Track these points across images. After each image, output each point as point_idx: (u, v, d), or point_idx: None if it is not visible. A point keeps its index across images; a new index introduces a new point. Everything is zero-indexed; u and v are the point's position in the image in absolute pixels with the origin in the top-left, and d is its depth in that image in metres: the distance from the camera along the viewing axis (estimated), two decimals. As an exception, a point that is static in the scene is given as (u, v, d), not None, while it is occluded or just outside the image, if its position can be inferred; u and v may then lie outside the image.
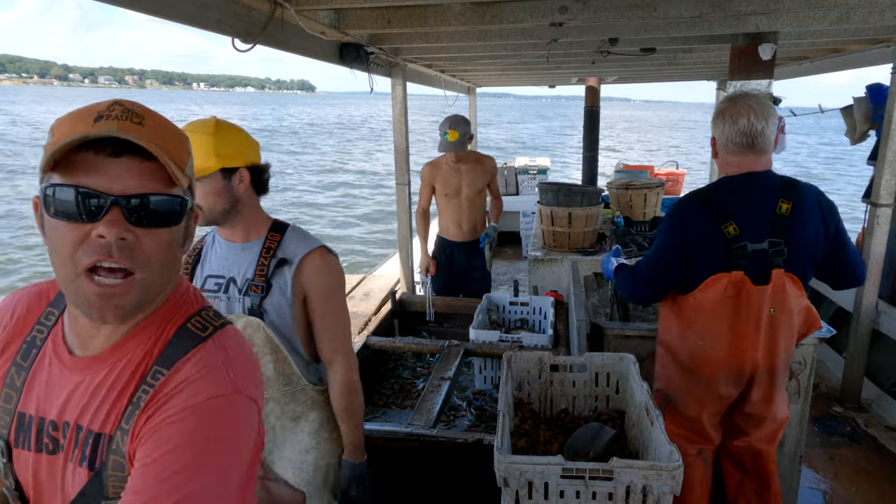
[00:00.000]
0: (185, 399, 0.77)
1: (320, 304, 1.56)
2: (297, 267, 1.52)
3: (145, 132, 0.76)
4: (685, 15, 2.66)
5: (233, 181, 1.49)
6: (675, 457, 1.34)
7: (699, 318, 1.85)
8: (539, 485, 1.37)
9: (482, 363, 2.94)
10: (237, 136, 1.51)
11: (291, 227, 1.62)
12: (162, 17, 1.90)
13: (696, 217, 1.82)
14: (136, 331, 0.83)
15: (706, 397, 1.90)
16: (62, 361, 0.85)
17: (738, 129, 1.78)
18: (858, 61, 4.45)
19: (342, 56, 3.34)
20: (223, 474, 0.76)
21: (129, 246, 0.76)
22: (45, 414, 0.84)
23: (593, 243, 4.17)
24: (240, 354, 0.85)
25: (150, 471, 0.73)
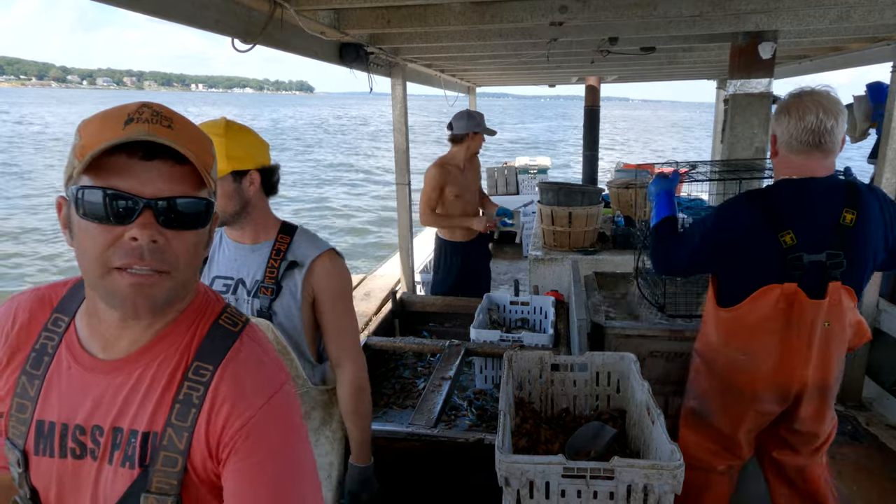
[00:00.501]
0: (255, 396, 0.82)
1: (330, 306, 1.56)
2: (308, 269, 1.53)
3: (176, 136, 0.77)
4: (685, 14, 2.66)
5: (243, 183, 1.49)
6: (677, 456, 1.34)
7: (742, 332, 1.74)
8: (540, 484, 1.37)
9: (483, 363, 2.93)
10: (248, 137, 1.51)
11: (300, 229, 1.62)
12: (160, 17, 1.90)
13: (750, 223, 1.68)
14: (165, 332, 0.85)
15: (745, 414, 1.80)
16: (83, 366, 0.84)
17: (804, 125, 1.62)
18: (858, 60, 4.45)
19: (342, 56, 3.34)
20: (312, 458, 0.87)
21: (160, 248, 0.77)
22: (69, 419, 0.84)
23: (593, 242, 4.17)
24: (270, 345, 0.91)
25: (255, 478, 0.80)
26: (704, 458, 1.90)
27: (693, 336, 2.22)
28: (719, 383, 1.84)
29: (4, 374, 0.88)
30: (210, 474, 0.83)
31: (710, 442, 1.88)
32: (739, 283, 1.73)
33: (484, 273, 4.03)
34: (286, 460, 0.82)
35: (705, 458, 1.90)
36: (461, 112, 3.68)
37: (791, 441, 1.86)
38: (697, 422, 1.91)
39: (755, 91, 3.05)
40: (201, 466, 0.82)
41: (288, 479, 0.81)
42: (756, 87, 3.05)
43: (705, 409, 1.89)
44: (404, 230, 4.60)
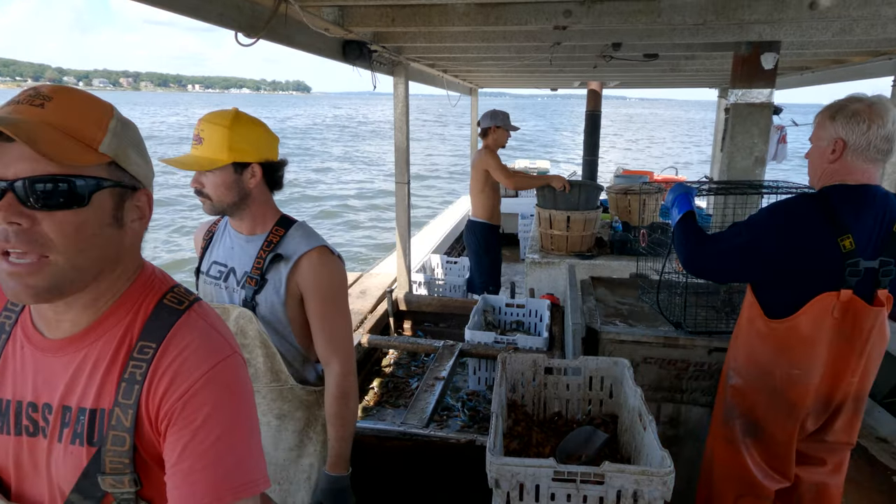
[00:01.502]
0: (193, 368, 0.82)
1: (316, 304, 1.53)
2: (294, 265, 1.51)
3: (42, 113, 0.76)
4: (689, 22, 2.66)
5: (244, 175, 1.48)
6: (667, 462, 1.34)
7: (798, 344, 1.66)
8: (530, 487, 1.37)
9: (477, 364, 2.94)
10: (254, 130, 1.49)
11: (298, 224, 1.59)
12: (164, 8, 1.89)
13: (810, 225, 1.61)
14: (108, 311, 0.85)
15: (796, 428, 1.74)
16: (34, 344, 0.86)
17: (884, 133, 1.57)
18: (860, 73, 4.47)
19: (345, 53, 3.34)
20: (256, 428, 0.86)
21: (26, 231, 0.74)
22: (23, 397, 0.86)
23: (591, 247, 4.17)
24: (219, 320, 0.91)
25: (196, 442, 0.79)
26: (756, 482, 1.81)
27: (688, 344, 2.23)
28: (772, 400, 1.75)
29: None
30: (157, 449, 0.83)
31: (763, 463, 1.80)
32: (791, 292, 1.66)
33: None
34: (225, 427, 0.81)
35: (757, 482, 1.81)
36: (487, 111, 4.43)
37: (820, 453, 1.80)
38: (747, 443, 1.82)
39: (756, 101, 3.06)
40: (148, 442, 0.83)
41: (227, 445, 0.80)
42: (757, 98, 3.06)
43: (753, 429, 1.80)
44: (402, 229, 4.60)
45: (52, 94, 0.78)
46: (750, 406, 1.81)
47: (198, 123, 1.47)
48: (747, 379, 1.82)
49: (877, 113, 1.58)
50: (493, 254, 4.58)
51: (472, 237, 4.59)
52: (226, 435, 0.81)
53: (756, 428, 1.80)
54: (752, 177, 3.07)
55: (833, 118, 1.64)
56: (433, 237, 7.03)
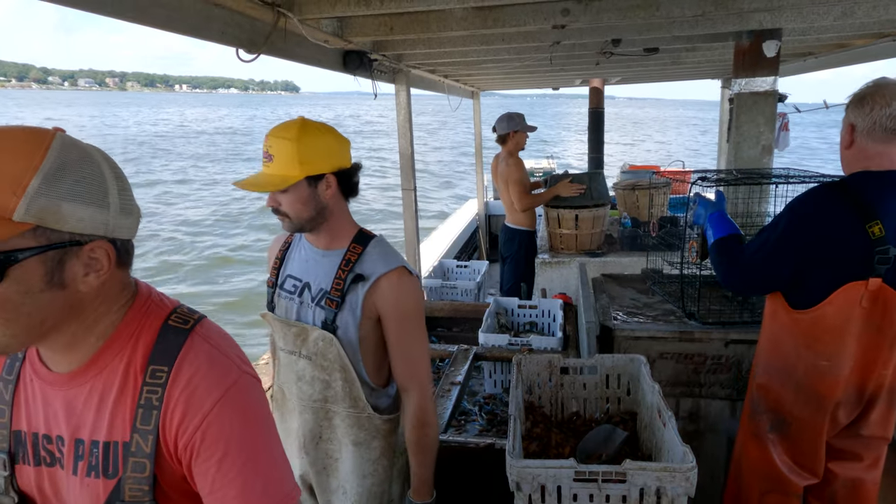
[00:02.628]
0: (205, 398, 0.81)
1: (395, 326, 1.47)
2: (373, 285, 1.45)
3: None
4: (688, 14, 2.65)
5: (319, 188, 1.43)
6: (689, 458, 1.33)
7: (825, 335, 1.62)
8: (552, 489, 1.36)
9: (492, 367, 2.93)
10: (323, 139, 1.43)
11: (376, 240, 1.53)
12: (168, 30, 1.91)
13: (837, 212, 1.57)
14: (105, 345, 0.84)
15: (825, 422, 1.70)
16: (41, 377, 0.86)
17: (890, 111, 1.55)
18: (864, 56, 4.43)
19: (346, 64, 3.36)
20: (277, 443, 0.87)
21: None
22: (37, 429, 0.86)
23: (600, 245, 4.16)
24: (224, 339, 0.89)
25: (224, 471, 0.80)
26: (783, 478, 1.78)
27: (704, 338, 2.21)
28: (798, 393, 1.71)
29: None
30: (177, 477, 0.83)
31: (789, 459, 1.76)
32: (817, 282, 1.62)
33: None
34: (248, 451, 0.81)
35: (784, 477, 1.78)
36: (502, 115, 4.38)
37: (855, 448, 1.76)
38: (772, 439, 1.79)
39: (760, 89, 3.04)
40: (167, 469, 0.83)
41: (252, 470, 0.81)
42: (761, 86, 3.04)
43: (780, 424, 1.77)
44: (411, 235, 4.61)
45: None
46: (776, 400, 1.77)
47: (266, 139, 1.42)
48: (772, 373, 1.78)
49: (881, 93, 1.57)
50: (530, 259, 4.56)
51: (512, 244, 4.57)
52: (251, 459, 0.81)
53: (783, 423, 1.76)
54: (759, 166, 3.05)
55: (848, 105, 1.64)
56: (442, 242, 7.03)
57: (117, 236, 0.80)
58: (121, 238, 0.81)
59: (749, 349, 2.19)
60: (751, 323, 2.22)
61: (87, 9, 1.58)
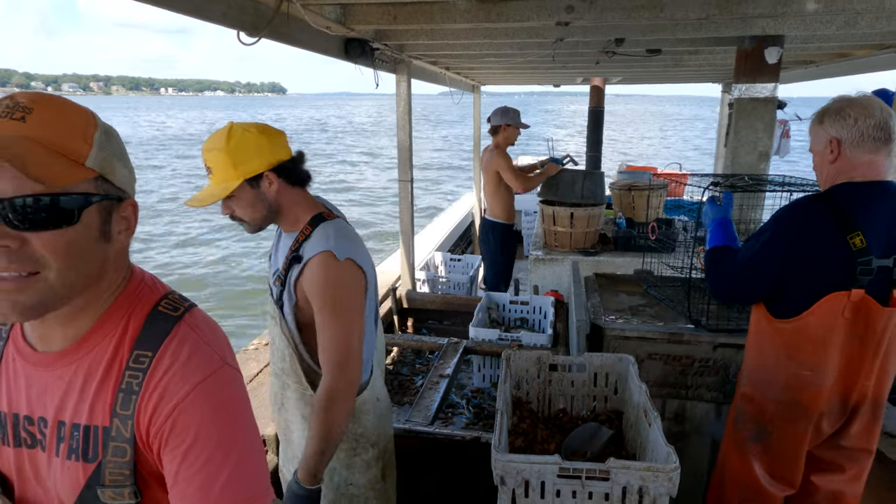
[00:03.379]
0: (180, 386, 0.79)
1: (316, 309, 1.48)
2: (303, 267, 1.48)
3: (25, 128, 0.72)
4: (692, 17, 2.65)
5: (262, 187, 1.45)
6: (673, 458, 1.34)
7: (807, 345, 1.63)
8: (536, 484, 1.37)
9: (481, 361, 2.94)
10: (253, 140, 1.43)
11: (327, 223, 1.52)
12: (167, 9, 1.90)
13: (818, 224, 1.59)
14: (97, 324, 0.83)
15: (806, 433, 1.70)
16: (25, 358, 0.85)
17: (875, 122, 1.56)
18: (865, 66, 4.44)
19: (347, 52, 3.34)
20: (250, 436, 0.83)
21: (15, 252, 0.71)
22: (18, 410, 0.85)
23: (594, 244, 4.17)
24: (212, 330, 0.87)
25: (186, 465, 0.78)
26: (762, 489, 1.79)
27: (692, 340, 2.23)
28: (779, 404, 1.72)
29: None
30: (152, 464, 0.82)
31: (767, 470, 1.77)
32: (799, 292, 1.63)
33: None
34: (214, 446, 0.78)
35: (762, 489, 1.79)
36: (498, 108, 4.44)
37: (838, 460, 1.76)
38: (753, 449, 1.80)
39: (760, 95, 3.05)
40: (142, 455, 0.82)
41: (217, 465, 0.78)
42: (761, 92, 3.05)
43: (761, 435, 1.77)
44: (406, 227, 4.60)
45: (33, 105, 0.74)
46: (758, 410, 1.78)
47: (202, 154, 1.45)
48: (755, 382, 1.79)
49: (860, 105, 1.59)
50: (508, 254, 4.63)
51: (490, 237, 4.62)
52: (216, 455, 0.78)
53: (763, 433, 1.77)
54: (756, 171, 3.06)
55: (821, 122, 1.66)
56: (437, 235, 7.03)
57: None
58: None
59: (737, 353, 2.20)
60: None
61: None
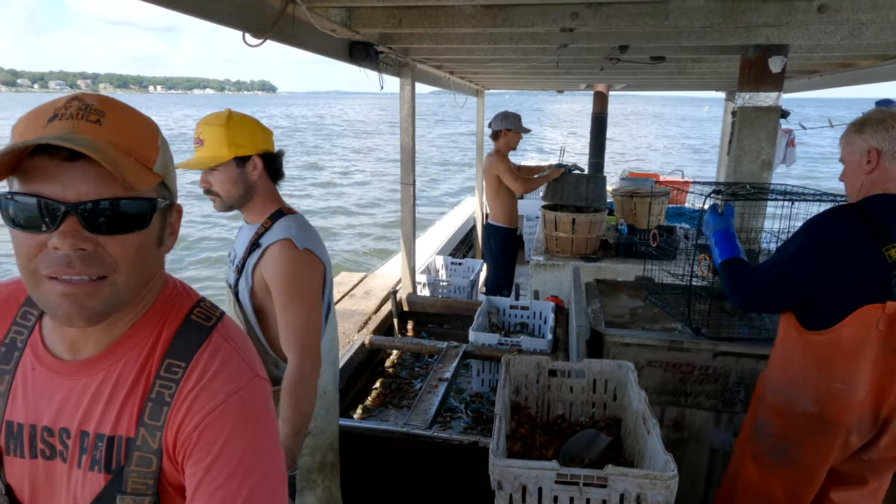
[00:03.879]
0: (210, 398, 0.78)
1: (275, 294, 1.57)
2: (261, 254, 1.58)
3: (103, 131, 0.72)
4: (696, 25, 2.65)
5: (247, 168, 1.58)
6: (671, 466, 1.34)
7: (840, 357, 1.61)
8: (533, 489, 1.37)
9: (480, 366, 2.93)
10: (249, 125, 1.58)
11: (289, 216, 1.65)
12: (172, 9, 1.90)
13: (854, 235, 1.57)
14: (130, 332, 0.82)
15: (833, 448, 1.67)
16: (47, 367, 0.82)
17: None
18: (869, 77, 4.44)
19: (352, 55, 3.35)
20: (274, 456, 0.81)
21: (91, 255, 0.71)
22: (37, 420, 0.82)
23: (596, 250, 4.17)
24: (242, 339, 0.87)
25: (208, 481, 0.76)
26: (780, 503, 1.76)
27: (692, 348, 2.22)
28: (807, 417, 1.69)
29: None
30: (177, 475, 0.81)
31: (785, 486, 1.74)
32: (832, 303, 1.61)
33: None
34: (236, 462, 0.76)
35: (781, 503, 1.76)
36: (498, 113, 4.46)
37: (862, 472, 1.74)
38: (772, 462, 1.77)
39: (764, 104, 3.05)
40: (167, 467, 0.80)
41: (239, 482, 0.76)
42: (765, 101, 3.05)
43: (781, 451, 1.74)
44: (407, 230, 4.60)
45: (104, 108, 0.74)
46: (782, 425, 1.75)
47: (197, 127, 1.57)
48: (781, 395, 1.76)
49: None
50: (509, 258, 4.64)
51: (491, 241, 4.63)
52: (239, 468, 0.77)
53: (785, 450, 1.74)
54: (759, 180, 3.06)
55: (860, 131, 1.64)
56: (438, 239, 7.03)
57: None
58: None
59: (737, 362, 2.20)
60: (752, 339, 2.23)
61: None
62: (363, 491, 2.19)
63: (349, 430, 2.15)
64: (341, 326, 3.98)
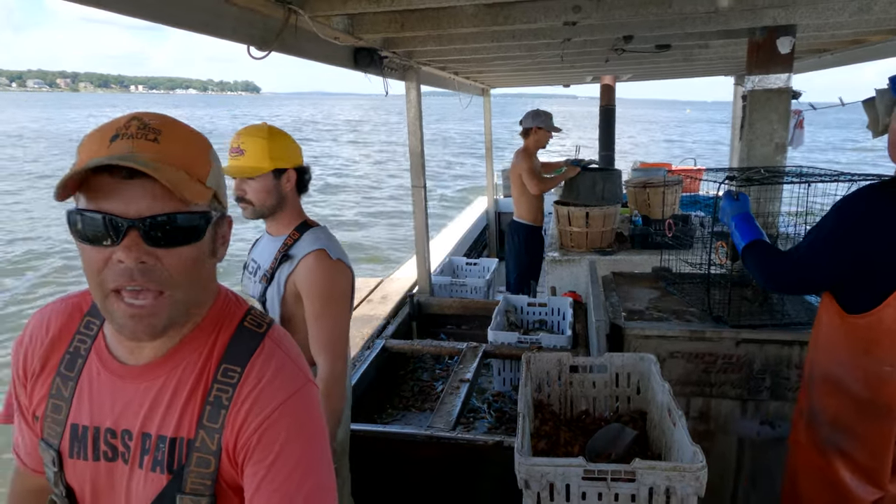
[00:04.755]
0: (269, 401, 0.82)
1: (308, 303, 1.64)
2: (296, 265, 1.64)
3: (161, 149, 0.76)
4: (700, 10, 2.63)
5: (281, 181, 1.67)
6: (699, 457, 1.32)
7: (885, 340, 1.55)
8: (560, 487, 1.36)
9: (501, 365, 2.93)
10: (287, 140, 1.70)
11: (316, 227, 1.73)
12: (177, 27, 1.92)
13: (886, 213, 1.52)
14: (187, 338, 0.86)
15: (891, 431, 1.59)
16: (111, 371, 0.86)
17: None
18: (880, 52, 4.36)
19: (356, 61, 3.36)
20: (327, 454, 0.86)
21: (151, 268, 0.76)
22: (100, 423, 0.86)
23: (611, 243, 4.14)
24: (292, 345, 0.91)
25: (269, 479, 0.80)
26: (849, 491, 1.68)
27: (714, 337, 2.20)
28: (860, 403, 1.63)
29: (39, 379, 0.90)
30: (235, 476, 0.84)
31: (853, 472, 1.66)
32: (872, 285, 1.55)
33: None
34: (296, 461, 0.81)
35: (850, 492, 1.67)
36: (529, 111, 4.52)
37: None
38: (834, 450, 1.70)
39: (774, 87, 3.00)
40: (226, 468, 0.83)
41: (298, 480, 0.81)
42: (775, 83, 3.00)
43: (842, 436, 1.68)
44: (420, 232, 4.61)
45: (160, 127, 0.78)
46: (837, 411, 1.69)
47: (236, 137, 1.67)
48: (832, 381, 1.70)
49: None
50: (532, 255, 4.63)
51: (515, 238, 4.64)
52: (297, 469, 0.81)
53: (845, 434, 1.67)
54: (773, 163, 3.02)
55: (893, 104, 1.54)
56: (452, 239, 7.03)
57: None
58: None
59: (761, 349, 2.17)
60: (775, 325, 2.20)
61: (109, 8, 1.60)
62: (388, 497, 2.20)
63: (372, 435, 2.15)
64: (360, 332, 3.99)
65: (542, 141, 4.44)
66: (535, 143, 4.42)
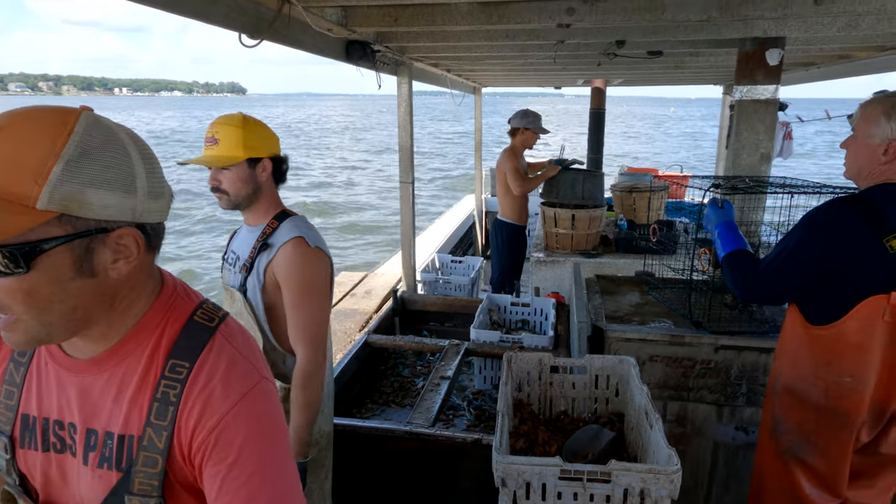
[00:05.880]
0: (222, 400, 0.79)
1: (286, 292, 1.63)
2: (274, 254, 1.63)
3: None
4: (693, 18, 2.65)
5: (256, 170, 1.65)
6: (674, 460, 1.34)
7: (847, 351, 1.58)
8: (537, 486, 1.37)
9: (482, 363, 2.94)
10: (262, 129, 1.67)
11: (294, 217, 1.71)
12: (169, 11, 1.90)
13: (854, 226, 1.54)
14: (128, 336, 0.82)
15: (849, 443, 1.64)
16: (58, 362, 0.84)
17: None
18: (867, 68, 4.44)
19: (349, 54, 3.34)
20: (287, 453, 0.84)
21: None
22: (49, 414, 0.84)
23: (596, 246, 4.17)
24: (245, 340, 0.87)
25: (231, 479, 0.78)
26: (807, 500, 1.72)
27: (694, 342, 2.23)
28: (821, 413, 1.66)
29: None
30: (188, 476, 0.81)
31: (813, 481, 1.71)
32: (835, 297, 1.58)
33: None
34: (258, 460, 0.79)
35: (808, 499, 1.72)
36: (518, 111, 4.47)
37: (873, 468, 1.70)
38: (794, 460, 1.74)
39: (761, 97, 3.05)
40: (178, 468, 0.81)
41: (260, 480, 0.78)
42: (763, 94, 3.05)
43: (802, 445, 1.72)
44: (407, 228, 4.60)
45: None
46: (799, 421, 1.72)
47: (210, 126, 1.63)
48: (794, 392, 1.73)
49: None
50: (514, 254, 4.65)
51: (499, 237, 4.65)
52: (259, 468, 0.79)
53: (806, 444, 1.71)
54: (758, 173, 3.06)
55: (889, 116, 1.55)
56: (438, 237, 7.03)
57: (146, 221, 0.77)
58: (150, 222, 0.78)
59: (738, 355, 2.20)
60: (753, 332, 2.23)
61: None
62: (366, 490, 2.20)
63: (351, 430, 2.15)
64: (343, 326, 3.98)
65: (529, 141, 4.45)
66: (522, 144, 4.43)
